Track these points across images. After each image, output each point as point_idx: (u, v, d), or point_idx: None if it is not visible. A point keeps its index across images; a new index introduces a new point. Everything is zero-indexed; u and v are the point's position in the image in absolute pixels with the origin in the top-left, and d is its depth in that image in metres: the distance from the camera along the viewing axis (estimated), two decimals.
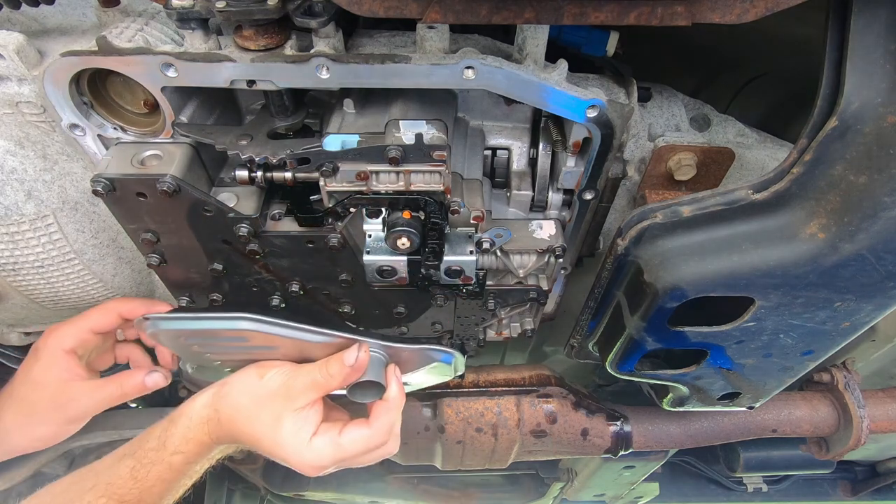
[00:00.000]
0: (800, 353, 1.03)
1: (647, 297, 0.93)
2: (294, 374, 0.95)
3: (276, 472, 2.18)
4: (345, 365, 0.94)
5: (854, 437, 1.54)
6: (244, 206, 1.00)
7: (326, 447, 0.94)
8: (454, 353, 1.06)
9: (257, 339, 0.96)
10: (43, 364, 1.06)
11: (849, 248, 0.80)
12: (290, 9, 0.80)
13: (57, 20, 0.96)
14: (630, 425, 1.58)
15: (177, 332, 0.96)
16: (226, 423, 0.94)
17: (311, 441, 0.93)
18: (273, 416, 0.93)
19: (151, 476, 0.90)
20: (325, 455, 0.94)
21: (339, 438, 0.95)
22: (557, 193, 1.12)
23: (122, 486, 0.89)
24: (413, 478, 2.35)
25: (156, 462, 0.91)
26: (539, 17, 0.76)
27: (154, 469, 0.91)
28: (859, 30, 0.75)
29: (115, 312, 1.10)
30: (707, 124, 1.12)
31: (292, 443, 0.92)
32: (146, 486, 0.90)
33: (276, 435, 0.92)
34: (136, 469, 0.91)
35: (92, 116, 0.94)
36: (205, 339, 0.98)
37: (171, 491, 0.94)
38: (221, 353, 1.01)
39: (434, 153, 0.90)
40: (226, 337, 0.96)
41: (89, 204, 1.06)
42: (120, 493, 0.89)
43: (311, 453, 0.93)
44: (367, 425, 0.97)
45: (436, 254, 0.99)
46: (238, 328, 0.94)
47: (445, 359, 1.07)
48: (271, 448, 0.94)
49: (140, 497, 0.90)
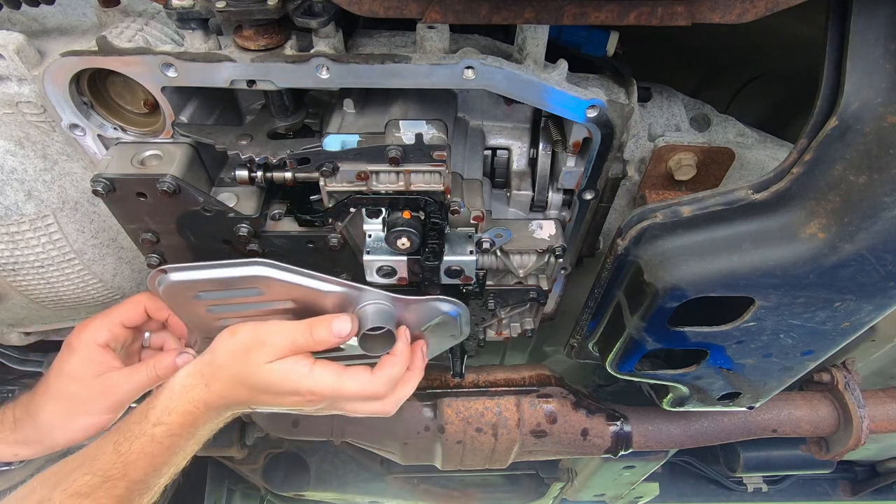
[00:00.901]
0: (800, 353, 1.03)
1: (647, 297, 0.93)
2: (269, 325, 0.94)
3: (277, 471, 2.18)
4: (332, 332, 0.92)
5: (854, 437, 1.54)
6: (244, 206, 1.00)
7: (328, 376, 0.93)
8: (461, 307, 1.07)
9: (271, 289, 0.95)
10: (79, 358, 1.07)
11: (849, 248, 0.80)
12: (290, 9, 0.80)
13: (57, 20, 0.96)
14: (630, 425, 1.58)
15: (190, 283, 0.94)
16: (214, 386, 0.94)
17: (314, 368, 0.93)
18: (253, 366, 0.93)
19: (134, 449, 0.90)
20: (326, 383, 0.93)
21: (343, 373, 0.95)
22: (557, 193, 1.12)
23: (106, 462, 0.90)
24: (413, 478, 2.35)
25: (138, 435, 0.91)
26: (539, 17, 0.76)
27: (137, 442, 0.91)
28: (859, 30, 0.75)
29: (141, 306, 1.12)
30: (707, 124, 1.12)
31: (291, 376, 0.92)
32: (130, 460, 0.90)
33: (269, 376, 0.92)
34: (118, 443, 0.91)
35: (92, 116, 0.94)
36: (218, 293, 0.97)
37: (156, 467, 0.93)
38: (233, 311, 1.01)
39: (434, 153, 0.90)
40: (239, 288, 0.96)
41: (89, 204, 1.06)
42: (104, 468, 0.89)
43: (311, 380, 0.93)
44: (370, 371, 0.97)
45: (436, 254, 0.99)
46: (253, 274, 0.93)
47: (452, 312, 1.07)
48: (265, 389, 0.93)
49: (124, 471, 0.90)
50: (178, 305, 1.00)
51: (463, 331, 1.13)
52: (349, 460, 2.25)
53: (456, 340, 1.18)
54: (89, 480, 0.89)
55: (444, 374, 1.62)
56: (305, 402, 0.97)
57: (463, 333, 1.14)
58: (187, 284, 0.95)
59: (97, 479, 0.89)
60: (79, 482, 0.88)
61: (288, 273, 0.95)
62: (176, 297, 0.98)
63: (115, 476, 0.89)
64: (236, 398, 0.96)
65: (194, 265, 0.95)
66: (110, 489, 0.89)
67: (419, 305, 1.05)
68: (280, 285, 0.95)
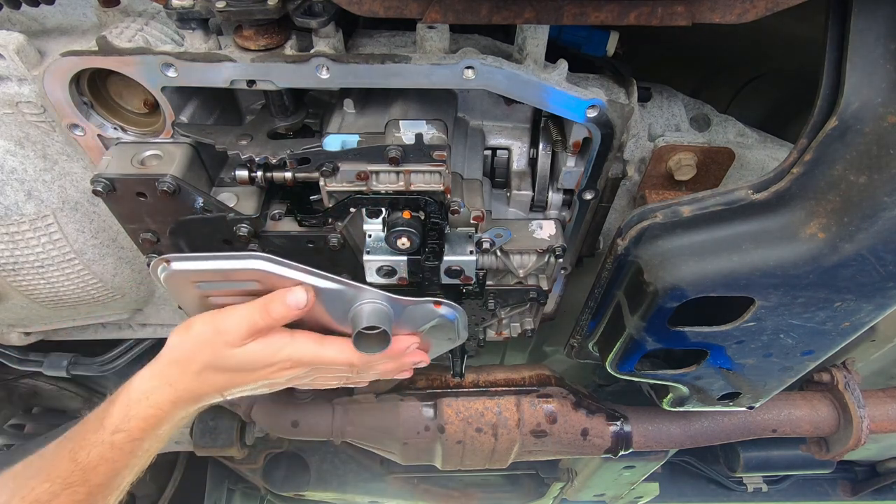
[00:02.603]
0: (800, 353, 1.03)
1: (647, 297, 0.93)
2: (224, 312, 0.95)
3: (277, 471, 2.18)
4: (288, 306, 0.93)
5: (854, 437, 1.54)
6: (244, 206, 1.00)
7: (309, 342, 0.98)
8: (458, 311, 1.07)
9: (268, 283, 0.96)
10: None
11: (849, 248, 0.80)
12: (290, 9, 0.80)
13: (57, 20, 0.96)
14: (630, 425, 1.58)
15: (191, 272, 0.95)
16: (180, 384, 0.93)
17: (294, 336, 0.97)
18: (224, 352, 0.93)
19: (93, 457, 0.89)
20: (308, 349, 0.97)
21: (324, 340, 0.99)
22: (557, 193, 1.12)
23: (65, 470, 0.88)
24: (413, 478, 2.35)
25: (96, 443, 0.90)
26: (539, 17, 0.76)
27: (95, 450, 0.89)
28: (859, 30, 0.75)
29: None
30: (707, 124, 1.12)
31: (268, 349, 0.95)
32: (90, 468, 0.89)
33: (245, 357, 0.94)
34: (74, 451, 0.89)
35: (92, 116, 0.94)
36: (216, 284, 0.98)
37: (118, 472, 0.92)
38: (231, 302, 1.01)
39: (434, 153, 0.90)
40: (237, 279, 0.97)
41: (89, 204, 1.06)
42: (63, 476, 0.88)
43: (292, 346, 0.96)
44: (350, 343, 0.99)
45: (436, 254, 0.99)
46: (250, 267, 0.94)
47: (450, 315, 1.07)
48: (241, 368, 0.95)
49: (85, 478, 0.88)
50: (179, 293, 1.01)
51: (460, 334, 1.13)
52: (349, 460, 2.25)
53: (453, 344, 1.18)
54: (49, 488, 0.87)
55: (444, 374, 1.62)
56: (281, 370, 0.99)
57: (460, 337, 1.14)
58: (188, 274, 0.96)
59: (57, 487, 0.87)
60: (37, 490, 0.87)
61: (285, 268, 0.95)
62: (177, 285, 0.98)
63: (76, 483, 0.88)
64: (210, 387, 0.96)
65: (196, 255, 0.96)
66: (71, 495, 0.88)
67: (416, 307, 1.05)
68: (277, 280, 0.96)
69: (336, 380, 1.05)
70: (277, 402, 1.62)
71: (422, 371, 1.52)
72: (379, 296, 1.01)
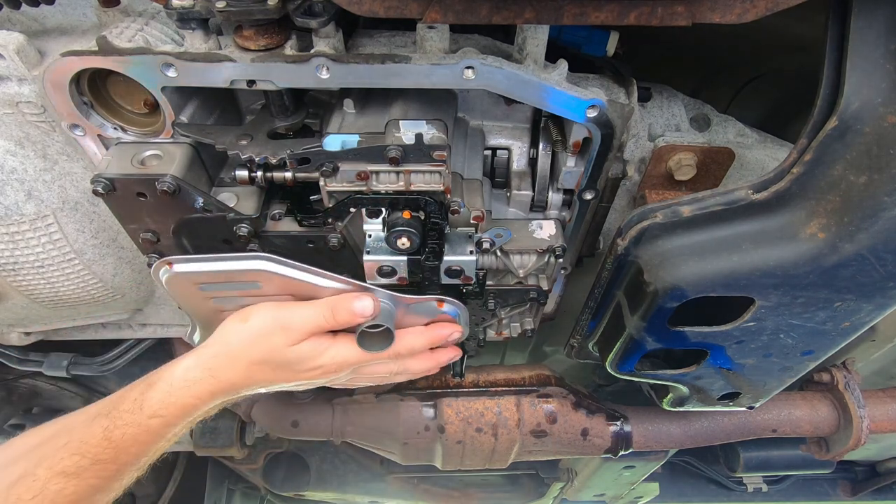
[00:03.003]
0: (800, 353, 1.03)
1: (647, 297, 0.93)
2: (288, 309, 0.96)
3: (277, 471, 2.18)
4: (354, 313, 0.95)
5: (854, 437, 1.54)
6: (244, 206, 1.00)
7: (348, 342, 0.98)
8: (460, 308, 1.07)
9: (270, 283, 0.96)
10: None
11: (849, 248, 0.80)
12: (291, 9, 0.80)
13: (57, 20, 0.96)
14: (630, 425, 1.58)
15: (194, 274, 0.95)
16: (225, 376, 0.94)
17: (335, 341, 0.98)
18: (278, 350, 0.94)
19: (127, 437, 0.90)
20: (352, 352, 0.98)
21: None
22: (557, 193, 1.12)
23: (97, 446, 0.89)
24: (413, 478, 2.35)
25: (131, 424, 0.90)
26: (539, 17, 0.76)
27: (130, 431, 0.90)
28: (859, 30, 0.75)
29: None
30: (707, 124, 1.12)
31: (314, 352, 0.96)
32: (122, 447, 0.90)
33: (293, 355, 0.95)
34: (109, 430, 0.90)
35: (92, 116, 0.94)
36: (220, 285, 0.98)
37: (147, 453, 0.94)
38: (234, 304, 1.01)
39: (434, 153, 0.90)
40: (239, 281, 0.97)
41: (89, 204, 1.06)
42: (94, 451, 0.88)
43: (335, 350, 0.98)
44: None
45: (436, 254, 0.99)
46: (254, 268, 0.94)
47: (452, 312, 1.08)
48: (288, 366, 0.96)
49: (115, 456, 0.90)
50: (181, 296, 1.01)
51: (462, 331, 1.13)
52: (349, 460, 2.25)
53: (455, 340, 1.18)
54: (78, 461, 0.87)
55: (444, 374, 1.62)
56: (326, 373, 1.00)
57: (462, 334, 1.14)
58: (190, 276, 0.96)
59: (86, 461, 0.88)
60: (66, 461, 0.87)
61: (288, 268, 0.95)
62: (179, 287, 0.98)
63: (106, 460, 0.89)
64: (253, 381, 0.97)
65: (198, 257, 0.96)
66: (99, 471, 0.89)
67: (419, 304, 1.05)
68: (280, 280, 0.96)
69: (371, 380, 1.06)
70: (277, 402, 1.62)
71: None
72: (382, 294, 1.01)
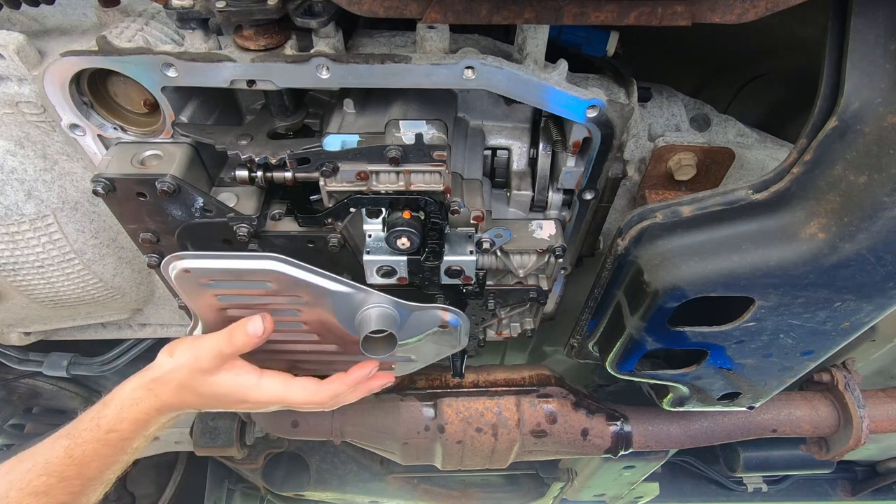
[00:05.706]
0: (800, 353, 1.03)
1: (647, 297, 0.93)
2: (200, 340, 1.02)
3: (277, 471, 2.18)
4: (248, 334, 0.99)
5: (854, 437, 1.54)
6: (244, 206, 1.00)
7: (276, 385, 1.04)
8: (462, 317, 1.08)
9: (281, 285, 0.97)
10: None
11: (849, 248, 0.80)
12: (290, 9, 0.80)
13: (57, 20, 0.96)
14: (630, 425, 1.58)
15: (203, 271, 0.96)
16: (162, 396, 1.00)
17: (261, 380, 1.04)
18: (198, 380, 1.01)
19: (88, 453, 0.96)
20: (274, 392, 1.04)
21: (290, 383, 1.05)
22: (557, 193, 1.12)
23: (60, 464, 0.95)
24: (413, 478, 2.35)
25: (91, 441, 0.97)
26: (539, 17, 0.76)
27: (90, 447, 0.97)
28: (859, 30, 0.75)
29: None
30: (707, 124, 1.12)
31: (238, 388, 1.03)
32: (84, 462, 0.96)
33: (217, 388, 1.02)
34: (70, 448, 0.96)
35: (92, 116, 0.93)
36: (228, 283, 0.98)
37: (110, 466, 1.00)
38: (240, 303, 1.02)
39: (434, 153, 0.90)
40: (250, 280, 0.97)
41: (89, 204, 1.06)
42: (58, 470, 0.95)
43: (258, 391, 1.03)
44: (318, 383, 1.07)
45: (436, 254, 0.99)
46: (266, 268, 0.95)
47: (453, 321, 1.08)
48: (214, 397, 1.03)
49: (79, 472, 0.96)
50: (188, 292, 1.01)
51: (461, 341, 1.14)
52: (349, 460, 2.25)
53: (454, 349, 1.18)
54: (46, 481, 0.93)
55: (444, 374, 1.62)
56: (253, 407, 1.08)
57: (461, 343, 1.14)
58: (199, 272, 0.96)
59: (53, 479, 0.94)
60: (35, 482, 0.93)
61: (300, 270, 0.95)
62: (187, 283, 0.98)
63: (71, 476, 0.95)
64: (186, 403, 1.03)
65: (208, 254, 0.96)
66: (66, 487, 0.95)
67: (422, 312, 1.05)
68: (290, 282, 0.96)
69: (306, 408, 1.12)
70: None
71: (422, 371, 1.52)
72: (386, 300, 1.02)
